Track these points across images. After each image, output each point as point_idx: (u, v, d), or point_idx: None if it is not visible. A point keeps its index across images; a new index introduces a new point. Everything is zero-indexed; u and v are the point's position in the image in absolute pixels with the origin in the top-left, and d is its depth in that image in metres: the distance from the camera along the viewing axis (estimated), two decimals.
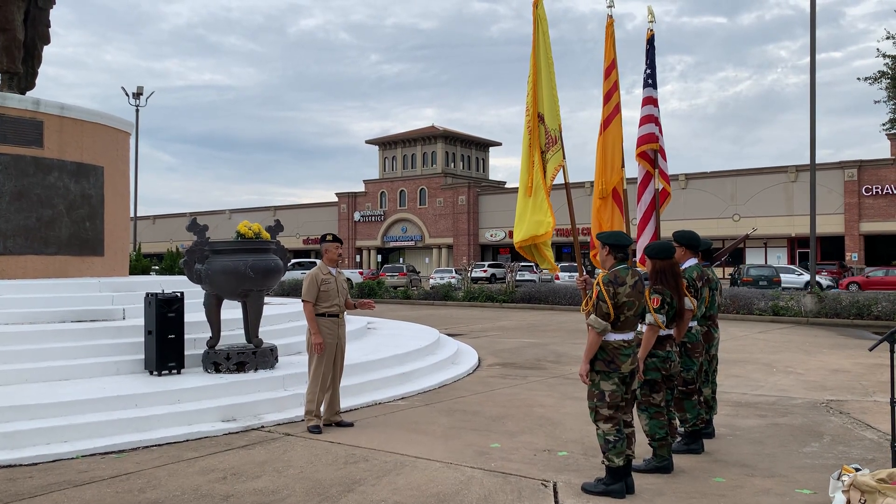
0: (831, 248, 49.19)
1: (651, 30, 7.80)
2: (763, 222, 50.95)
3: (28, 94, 12.31)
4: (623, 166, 7.32)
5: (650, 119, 7.64)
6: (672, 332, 5.73)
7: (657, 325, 5.50)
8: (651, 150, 7.59)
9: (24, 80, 12.50)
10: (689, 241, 6.38)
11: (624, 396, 5.15)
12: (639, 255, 6.72)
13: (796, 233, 49.43)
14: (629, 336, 5.12)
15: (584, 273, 6.10)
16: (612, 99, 7.20)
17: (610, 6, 7.19)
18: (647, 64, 7.77)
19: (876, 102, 27.22)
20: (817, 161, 21.16)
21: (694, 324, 6.20)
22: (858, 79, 31.94)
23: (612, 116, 7.20)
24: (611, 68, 7.24)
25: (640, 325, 5.47)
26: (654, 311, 5.48)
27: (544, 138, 6.53)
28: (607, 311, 4.99)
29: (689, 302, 5.88)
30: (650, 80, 7.67)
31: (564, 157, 6.62)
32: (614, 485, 5.00)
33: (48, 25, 12.95)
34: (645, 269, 5.97)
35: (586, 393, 5.24)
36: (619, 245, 5.22)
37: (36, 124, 11.07)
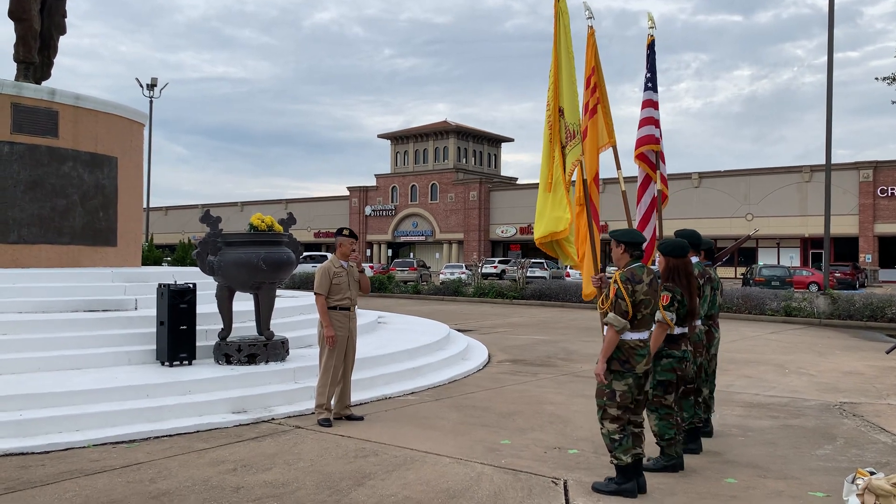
0: (845, 249, 48.85)
1: (651, 35, 7.88)
2: (776, 222, 50.68)
3: (44, 83, 12.36)
4: (619, 167, 7.31)
5: (650, 121, 7.66)
6: (686, 330, 5.70)
7: (666, 323, 5.46)
8: (651, 152, 7.58)
9: (40, 70, 12.55)
10: (690, 239, 6.37)
11: (636, 398, 5.11)
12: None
13: (810, 233, 49.12)
14: (644, 335, 5.08)
15: (600, 270, 6.08)
16: (590, 104, 7.15)
17: (590, 17, 7.17)
18: (647, 68, 7.85)
19: (893, 103, 26.87)
20: (833, 161, 20.98)
21: (698, 323, 6.17)
22: (876, 79, 31.60)
23: (589, 126, 7.15)
24: (590, 76, 7.19)
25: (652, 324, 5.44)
26: (664, 308, 5.44)
27: (564, 133, 6.48)
28: (626, 309, 4.95)
29: None
30: (650, 84, 7.75)
31: (583, 153, 6.58)
32: (626, 484, 4.97)
33: (64, 15, 13.00)
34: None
35: (595, 390, 5.21)
36: (634, 243, 5.19)
37: (51, 114, 11.12)
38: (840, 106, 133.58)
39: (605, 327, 5.05)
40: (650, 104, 7.67)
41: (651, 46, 7.84)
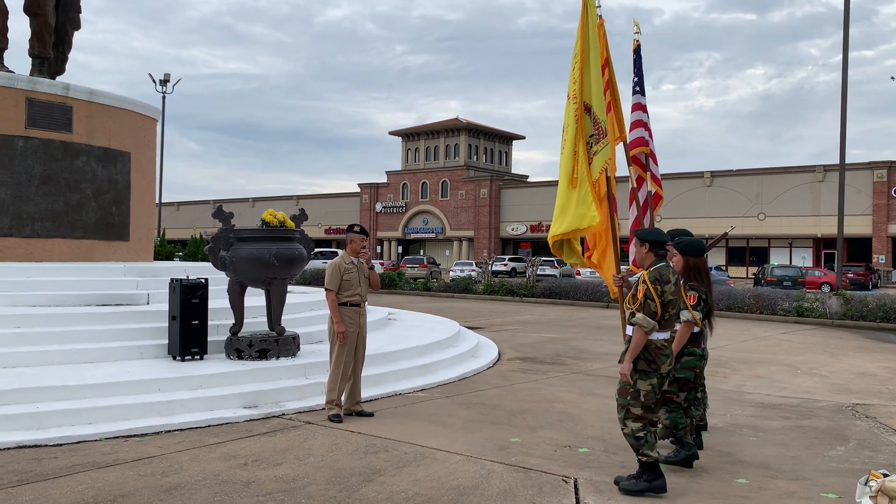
0: (858, 250, 48.49)
1: (637, 41, 7.89)
2: (789, 222, 50.40)
3: (58, 79, 12.42)
4: (630, 164, 7.29)
5: (639, 124, 7.68)
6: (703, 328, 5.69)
7: (693, 322, 5.44)
8: (642, 154, 7.57)
9: (55, 65, 12.63)
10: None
11: (658, 398, 5.09)
12: (631, 256, 6.68)
13: (822, 233, 48.79)
14: (667, 335, 5.06)
15: (621, 270, 6.05)
16: (605, 97, 7.12)
17: (598, 6, 7.15)
18: (634, 72, 7.86)
19: None
20: (847, 161, 20.82)
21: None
22: (892, 77, 31.35)
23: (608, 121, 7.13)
24: (603, 67, 7.16)
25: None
26: (692, 307, 5.42)
27: (591, 129, 6.43)
28: (655, 309, 4.91)
29: None
30: (637, 88, 7.76)
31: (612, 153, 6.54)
32: (657, 480, 4.94)
33: (79, 11, 13.07)
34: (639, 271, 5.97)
35: (617, 389, 5.16)
36: (658, 242, 5.15)
37: (65, 109, 11.18)
38: (854, 105, 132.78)
39: (631, 327, 5.01)
40: (639, 107, 7.74)
41: (637, 51, 7.88)
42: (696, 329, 5.61)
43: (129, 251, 12.22)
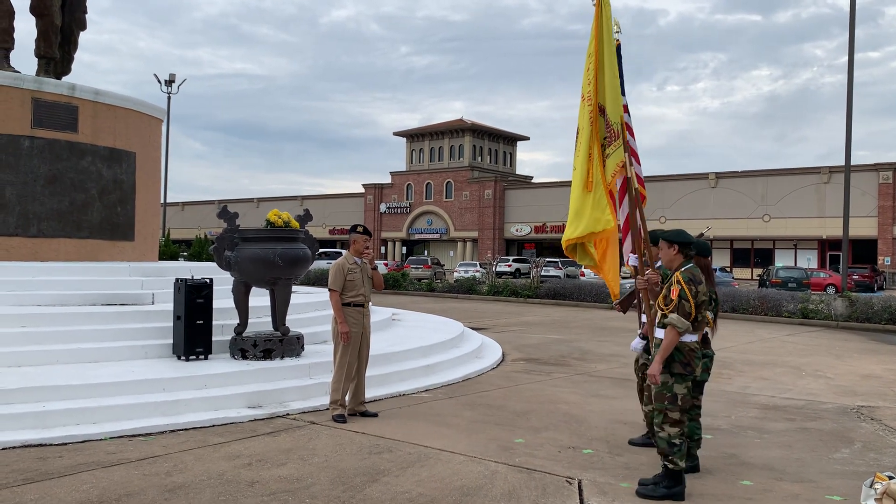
0: (863, 252, 48.37)
1: (617, 40, 7.87)
2: (794, 223, 50.29)
3: (64, 79, 12.46)
4: (630, 165, 7.26)
5: None
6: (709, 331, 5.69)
7: (706, 323, 5.44)
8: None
9: (61, 65, 12.66)
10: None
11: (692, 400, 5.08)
12: (626, 257, 6.65)
13: (828, 235, 48.66)
14: (697, 337, 5.06)
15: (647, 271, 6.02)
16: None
17: (594, 2, 7.12)
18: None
19: None
20: (852, 162, 20.76)
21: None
22: None
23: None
24: None
25: None
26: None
27: (604, 131, 6.38)
28: (689, 310, 4.91)
29: None
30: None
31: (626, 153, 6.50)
32: (677, 487, 4.93)
33: (85, 11, 13.11)
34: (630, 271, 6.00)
35: (653, 395, 5.14)
36: (687, 243, 5.15)
37: (71, 109, 11.21)
38: (860, 107, 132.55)
39: (662, 329, 4.99)
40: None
41: (617, 51, 7.87)
42: (707, 330, 5.60)
43: (134, 251, 12.25)
